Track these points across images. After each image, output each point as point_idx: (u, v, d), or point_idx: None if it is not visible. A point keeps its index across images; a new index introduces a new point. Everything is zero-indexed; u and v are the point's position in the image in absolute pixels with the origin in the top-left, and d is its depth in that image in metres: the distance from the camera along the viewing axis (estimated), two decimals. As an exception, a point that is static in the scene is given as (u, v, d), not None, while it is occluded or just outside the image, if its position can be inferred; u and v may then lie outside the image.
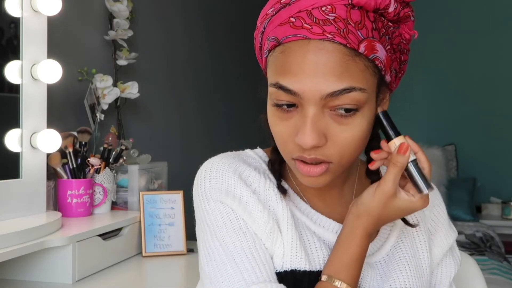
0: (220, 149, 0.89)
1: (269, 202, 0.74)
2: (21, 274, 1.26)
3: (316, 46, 0.63)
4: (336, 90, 0.63)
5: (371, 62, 0.65)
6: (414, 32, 0.70)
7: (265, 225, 0.72)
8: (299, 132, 0.66)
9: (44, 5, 1.34)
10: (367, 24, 0.64)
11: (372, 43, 0.64)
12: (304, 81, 0.64)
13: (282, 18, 0.66)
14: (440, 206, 0.85)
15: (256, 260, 0.70)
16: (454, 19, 3.86)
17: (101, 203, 1.59)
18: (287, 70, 0.65)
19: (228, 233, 0.71)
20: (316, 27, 0.63)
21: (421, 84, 3.88)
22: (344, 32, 0.63)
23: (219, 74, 3.01)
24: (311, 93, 0.64)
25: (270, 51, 0.69)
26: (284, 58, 0.65)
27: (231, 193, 0.73)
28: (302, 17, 0.64)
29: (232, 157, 0.78)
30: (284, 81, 0.65)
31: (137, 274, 1.44)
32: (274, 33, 0.67)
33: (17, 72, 1.31)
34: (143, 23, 2.14)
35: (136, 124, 2.10)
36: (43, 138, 1.34)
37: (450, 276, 0.82)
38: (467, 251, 2.77)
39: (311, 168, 0.68)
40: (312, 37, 0.63)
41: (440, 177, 3.43)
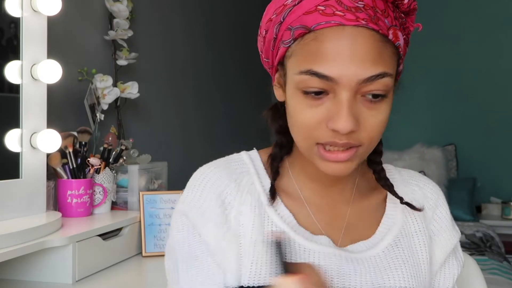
0: (220, 149, 0.90)
1: (240, 216, 0.76)
2: (21, 274, 1.26)
3: (351, 32, 0.64)
4: (372, 75, 0.65)
5: (396, 49, 0.68)
6: (418, 25, 0.72)
7: (218, 242, 0.74)
8: (334, 118, 0.66)
9: (44, 5, 1.34)
10: (390, 13, 0.67)
11: (396, 31, 0.67)
12: (341, 67, 0.64)
13: (307, 7, 0.66)
14: (443, 206, 0.85)
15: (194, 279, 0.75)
16: (454, 19, 3.86)
17: (101, 203, 1.59)
18: (322, 56, 0.65)
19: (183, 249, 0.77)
20: (349, 13, 0.64)
21: (421, 84, 3.88)
22: (375, 19, 0.65)
23: (219, 74, 3.01)
24: (348, 78, 0.65)
25: (296, 40, 0.68)
26: (317, 44, 0.65)
27: (199, 207, 0.77)
28: (332, 5, 0.65)
29: (219, 167, 0.80)
30: (318, 67, 0.65)
31: (137, 274, 1.44)
32: (299, 22, 0.67)
33: (17, 72, 1.31)
34: (143, 23, 2.14)
35: (136, 124, 2.10)
36: (43, 138, 1.34)
37: (453, 277, 0.82)
38: (467, 251, 2.77)
39: (338, 154, 0.68)
40: (347, 23, 0.64)
41: (440, 177, 3.42)
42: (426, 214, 0.83)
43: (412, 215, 0.82)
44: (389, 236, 0.79)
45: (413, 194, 0.84)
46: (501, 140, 3.75)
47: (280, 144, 0.80)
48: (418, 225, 0.81)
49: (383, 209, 0.82)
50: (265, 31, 0.74)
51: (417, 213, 0.82)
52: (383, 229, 0.79)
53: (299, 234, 0.76)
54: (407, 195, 0.83)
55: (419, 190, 0.84)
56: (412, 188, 0.84)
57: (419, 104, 3.89)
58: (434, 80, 3.90)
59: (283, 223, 0.76)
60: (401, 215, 0.81)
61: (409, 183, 0.85)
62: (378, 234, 0.79)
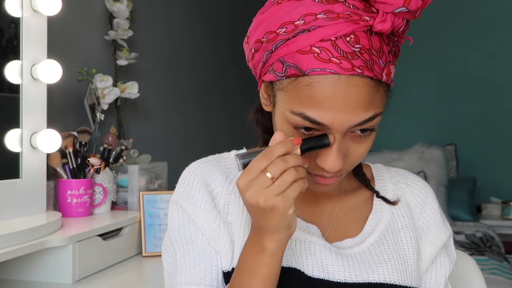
0: (221, 148, 0.91)
1: (228, 205, 0.79)
2: (21, 274, 1.26)
3: (346, 82, 0.64)
4: (363, 120, 0.66)
5: (388, 86, 0.69)
6: (409, 38, 0.72)
7: (209, 225, 0.77)
8: (323, 157, 0.68)
9: (44, 5, 1.34)
10: (385, 49, 0.66)
11: (389, 68, 0.67)
12: (333, 115, 0.65)
13: (301, 44, 0.65)
14: (432, 204, 0.85)
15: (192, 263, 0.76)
16: (454, 19, 3.86)
17: (101, 203, 1.59)
18: (315, 103, 0.65)
19: (179, 235, 0.79)
20: (345, 61, 0.64)
21: (421, 84, 3.88)
22: (370, 64, 0.64)
23: (219, 73, 3.01)
24: (340, 125, 0.66)
25: (288, 77, 0.67)
26: (311, 90, 0.65)
27: (190, 197, 0.80)
28: (328, 48, 0.64)
29: (207, 162, 0.83)
30: (312, 113, 0.66)
31: (137, 274, 1.44)
32: (292, 59, 0.66)
33: (17, 72, 1.31)
34: (143, 23, 2.14)
35: (136, 124, 2.10)
36: (43, 138, 1.34)
37: (445, 275, 0.83)
38: (467, 251, 2.77)
39: (326, 180, 0.71)
40: (343, 72, 0.64)
41: (440, 177, 3.42)
42: (413, 211, 0.84)
43: (399, 212, 0.83)
44: (375, 233, 0.80)
45: (400, 191, 0.85)
46: (501, 140, 3.75)
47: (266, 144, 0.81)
48: (405, 221, 0.82)
49: (370, 206, 0.84)
50: (253, 49, 0.72)
51: (404, 210, 0.83)
52: (369, 227, 0.81)
53: None
54: (394, 192, 0.85)
55: (406, 187, 0.86)
56: (400, 185, 0.86)
57: (419, 104, 3.89)
58: (434, 80, 3.90)
59: None
60: (388, 211, 0.82)
61: (397, 181, 0.86)
62: (364, 232, 0.81)
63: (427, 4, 0.64)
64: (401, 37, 0.70)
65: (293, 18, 0.66)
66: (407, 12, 0.64)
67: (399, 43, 0.71)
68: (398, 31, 0.68)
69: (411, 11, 0.64)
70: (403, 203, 0.84)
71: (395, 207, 0.83)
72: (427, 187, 0.87)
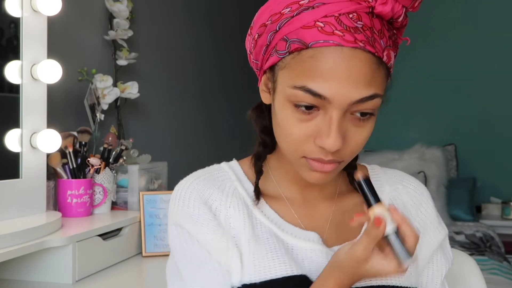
0: (221, 148, 0.91)
1: (229, 219, 0.77)
2: (21, 274, 1.26)
3: (349, 54, 0.65)
4: (364, 96, 0.66)
5: (388, 69, 0.69)
6: (406, 39, 0.73)
7: (218, 244, 0.75)
8: (322, 135, 0.68)
9: (44, 5, 1.34)
10: (385, 33, 0.68)
11: (389, 52, 0.68)
12: (335, 87, 0.65)
13: (305, 20, 0.66)
14: (427, 204, 0.86)
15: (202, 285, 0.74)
16: (453, 19, 3.86)
17: (101, 203, 1.59)
18: (318, 74, 0.65)
19: (184, 258, 0.77)
20: (348, 34, 0.65)
21: (421, 84, 3.87)
22: (372, 41, 0.66)
23: (219, 73, 3.01)
24: (341, 98, 0.66)
25: (291, 53, 0.68)
26: (314, 62, 0.65)
27: (190, 216, 0.77)
28: (331, 22, 0.65)
29: (199, 177, 0.81)
30: (313, 85, 0.66)
31: (137, 274, 1.44)
32: (296, 35, 0.67)
33: (17, 72, 1.31)
34: (143, 23, 2.14)
35: (136, 124, 2.10)
36: (43, 138, 1.34)
37: (441, 274, 0.83)
38: (467, 251, 2.77)
39: (324, 165, 0.70)
40: (346, 44, 0.65)
41: (440, 177, 3.42)
42: (409, 212, 0.84)
43: None
44: None
45: (397, 192, 0.85)
46: (501, 140, 3.75)
47: (264, 143, 0.82)
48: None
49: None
50: (257, 35, 0.73)
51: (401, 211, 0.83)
52: None
53: (287, 233, 0.77)
54: (390, 193, 0.85)
55: (403, 188, 0.86)
56: (396, 186, 0.86)
57: (419, 104, 3.89)
58: (434, 80, 3.90)
59: (270, 222, 0.78)
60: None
61: (393, 182, 0.86)
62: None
63: None
64: (399, 32, 0.72)
65: None
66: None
67: (398, 39, 0.72)
68: (397, 21, 0.69)
69: None
70: (399, 204, 0.84)
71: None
72: (422, 188, 0.87)
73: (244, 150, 0.87)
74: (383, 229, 0.65)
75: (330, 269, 0.70)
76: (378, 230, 0.65)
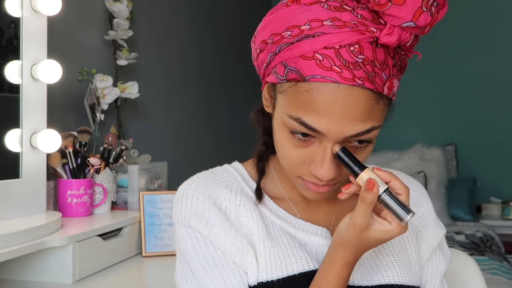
0: (221, 148, 0.91)
1: (240, 218, 0.77)
2: (21, 274, 1.26)
3: (346, 91, 0.63)
4: (359, 132, 0.66)
5: (389, 100, 0.68)
6: (417, 53, 0.71)
7: (232, 244, 0.75)
8: (316, 164, 0.68)
9: (44, 5, 1.34)
10: (389, 62, 0.65)
11: (392, 81, 0.66)
12: (329, 123, 0.64)
13: (304, 49, 0.65)
14: (426, 203, 0.87)
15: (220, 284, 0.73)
16: (454, 19, 3.86)
17: (101, 203, 1.59)
18: (313, 109, 0.64)
19: (198, 259, 0.76)
20: (346, 71, 0.63)
21: (421, 85, 3.87)
22: (372, 77, 0.63)
23: (219, 73, 3.01)
24: (335, 134, 0.65)
25: (289, 81, 0.67)
26: (310, 97, 0.64)
27: (200, 216, 0.76)
28: (330, 56, 0.63)
29: (205, 177, 0.81)
30: (308, 119, 0.65)
31: (137, 274, 1.44)
32: (294, 63, 0.65)
33: (17, 72, 1.31)
34: (143, 23, 2.14)
35: (136, 124, 2.10)
36: (43, 138, 1.34)
37: (440, 273, 0.83)
38: (467, 251, 2.77)
39: (319, 188, 0.71)
40: (343, 82, 0.63)
41: (440, 177, 3.42)
42: None
43: None
44: None
45: None
46: (501, 140, 3.74)
47: (266, 144, 0.82)
48: None
49: None
50: (259, 49, 0.72)
51: None
52: None
53: (298, 229, 0.78)
54: None
55: None
56: None
57: (419, 104, 3.88)
58: (434, 80, 3.90)
59: (280, 220, 0.78)
60: None
61: None
62: None
63: (437, 21, 0.64)
64: (409, 51, 0.69)
65: (299, 23, 0.65)
66: (415, 27, 0.64)
67: (406, 57, 0.70)
68: (405, 45, 0.67)
69: (419, 27, 0.64)
70: None
71: None
72: (421, 188, 0.88)
73: (244, 150, 0.87)
74: (377, 191, 0.66)
75: (335, 247, 0.71)
76: (372, 193, 0.65)
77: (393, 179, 0.68)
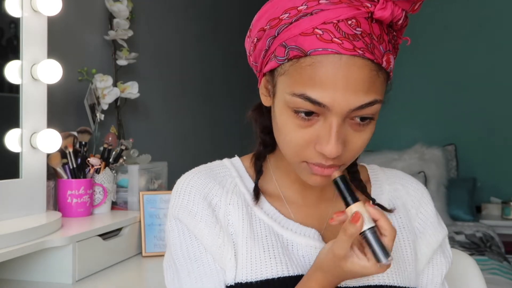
0: (221, 148, 0.91)
1: (228, 216, 0.78)
2: (21, 274, 1.26)
3: (347, 62, 0.65)
4: (363, 103, 0.66)
5: (387, 74, 0.69)
6: (407, 38, 0.73)
7: (214, 241, 0.76)
8: (322, 142, 0.68)
9: (44, 5, 1.34)
10: (385, 38, 0.68)
11: (388, 56, 0.68)
12: (334, 95, 0.65)
13: (303, 27, 0.66)
14: (428, 204, 0.86)
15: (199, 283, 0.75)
16: (454, 19, 3.86)
17: (101, 203, 1.59)
18: (317, 82, 0.65)
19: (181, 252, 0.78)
20: (346, 42, 0.64)
21: (421, 84, 3.87)
22: (371, 48, 0.65)
23: (219, 73, 3.01)
24: (340, 106, 0.66)
25: (290, 60, 0.68)
26: (312, 70, 0.65)
27: (189, 210, 0.78)
28: (330, 30, 0.65)
29: (200, 172, 0.82)
30: (312, 93, 0.66)
31: (137, 274, 1.44)
32: (295, 42, 0.67)
33: (17, 72, 1.31)
34: (143, 23, 2.14)
35: (136, 124, 2.10)
36: (43, 138, 1.34)
37: (441, 274, 0.83)
38: (467, 251, 2.77)
39: (324, 170, 0.71)
40: (344, 52, 0.64)
41: (440, 177, 3.42)
42: (410, 212, 0.84)
43: (397, 213, 0.83)
44: None
45: (396, 192, 0.86)
46: (501, 140, 3.75)
47: (264, 143, 0.82)
48: (402, 222, 0.83)
49: None
50: (256, 39, 0.73)
51: (402, 211, 0.84)
52: None
53: (287, 229, 0.78)
54: (390, 193, 0.85)
55: (402, 188, 0.86)
56: (396, 186, 0.86)
57: (419, 104, 3.89)
58: (434, 80, 3.90)
59: (270, 219, 0.78)
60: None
61: (393, 182, 0.86)
62: None
63: None
64: (400, 32, 0.71)
65: (296, 4, 0.67)
66: (407, 2, 0.66)
67: (398, 39, 0.72)
68: (397, 24, 0.69)
69: (410, 1, 0.66)
70: (399, 204, 0.84)
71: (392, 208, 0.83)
72: (422, 188, 0.88)
73: (245, 150, 0.88)
74: (360, 226, 0.65)
75: (313, 269, 0.71)
76: (355, 227, 0.65)
77: (382, 218, 0.67)
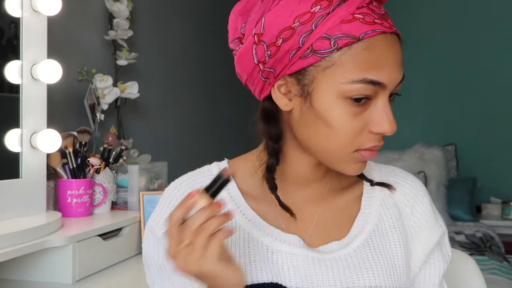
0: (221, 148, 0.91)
1: None
2: (21, 274, 1.26)
3: (391, 40, 0.69)
4: (401, 78, 0.71)
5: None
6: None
7: None
8: (381, 121, 0.70)
9: (44, 5, 1.34)
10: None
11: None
12: (390, 72, 0.69)
13: (342, 15, 0.67)
14: (423, 202, 0.83)
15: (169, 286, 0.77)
16: (454, 19, 3.86)
17: (101, 203, 1.59)
18: (374, 64, 0.68)
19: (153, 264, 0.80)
20: (385, 21, 0.69)
21: (421, 84, 3.87)
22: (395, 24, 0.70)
23: (219, 73, 3.01)
24: (393, 82, 0.70)
25: (339, 49, 0.67)
26: (369, 53, 0.67)
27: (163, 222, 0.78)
28: (367, 13, 0.68)
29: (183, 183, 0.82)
30: (373, 75, 0.68)
31: (137, 274, 1.44)
32: (339, 30, 0.67)
33: (17, 72, 1.31)
34: (143, 23, 2.14)
35: (136, 124, 2.10)
36: (43, 138, 1.34)
37: (439, 274, 0.81)
38: (467, 251, 2.77)
39: (373, 152, 0.74)
40: (388, 30, 0.68)
41: (440, 177, 3.42)
42: (403, 211, 0.82)
43: (387, 212, 0.81)
44: (362, 235, 0.78)
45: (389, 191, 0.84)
46: (501, 140, 3.74)
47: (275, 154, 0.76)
48: (393, 223, 0.80)
49: (358, 207, 0.81)
50: (281, 40, 0.68)
51: (393, 211, 0.81)
52: (356, 228, 0.79)
53: (268, 235, 0.76)
54: (382, 192, 0.83)
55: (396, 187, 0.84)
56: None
57: (419, 104, 3.88)
58: (434, 80, 3.90)
59: (251, 225, 0.77)
60: (376, 212, 0.81)
61: (387, 180, 0.84)
62: (351, 234, 0.78)
63: None
64: None
65: None
66: None
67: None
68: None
69: None
70: (391, 203, 0.82)
71: (383, 208, 0.81)
72: (418, 185, 0.85)
73: (245, 150, 0.87)
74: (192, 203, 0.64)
75: None
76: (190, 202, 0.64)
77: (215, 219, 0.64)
